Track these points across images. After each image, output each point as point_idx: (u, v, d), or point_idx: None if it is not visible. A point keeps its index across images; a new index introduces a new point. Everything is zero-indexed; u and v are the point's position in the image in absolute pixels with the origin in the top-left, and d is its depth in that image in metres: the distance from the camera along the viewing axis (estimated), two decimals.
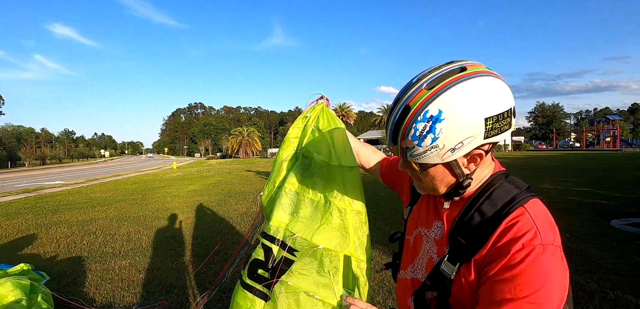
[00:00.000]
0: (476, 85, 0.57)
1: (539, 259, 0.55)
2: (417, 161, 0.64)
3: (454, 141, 0.58)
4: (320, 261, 0.91)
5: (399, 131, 0.62)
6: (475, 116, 0.57)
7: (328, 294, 0.87)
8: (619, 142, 41.31)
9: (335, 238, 0.93)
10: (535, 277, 0.55)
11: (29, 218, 6.80)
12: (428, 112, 0.58)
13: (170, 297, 3.07)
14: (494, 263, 0.59)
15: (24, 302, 2.43)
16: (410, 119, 0.60)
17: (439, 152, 0.60)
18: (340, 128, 1.08)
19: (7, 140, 68.26)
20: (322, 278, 0.88)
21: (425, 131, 0.58)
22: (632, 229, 4.65)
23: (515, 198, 0.62)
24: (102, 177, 18.94)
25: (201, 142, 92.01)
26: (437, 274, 0.68)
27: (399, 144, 0.64)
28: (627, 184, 9.00)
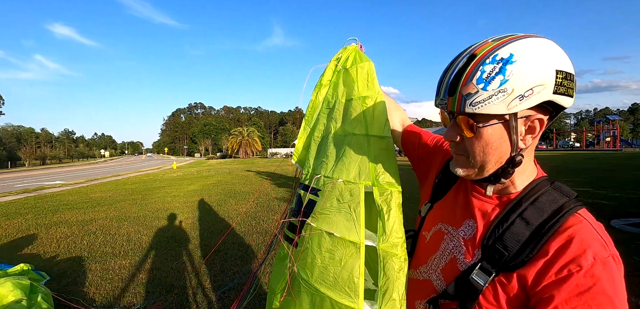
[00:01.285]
0: (545, 41, 0.56)
1: (613, 273, 0.52)
2: (478, 110, 0.55)
3: (525, 85, 0.53)
4: (339, 195, 0.85)
5: (460, 77, 0.56)
6: (546, 63, 0.54)
7: (349, 231, 0.80)
8: (619, 142, 41.30)
9: (354, 169, 0.86)
10: (613, 292, 0.51)
11: (29, 218, 6.81)
12: (498, 55, 0.54)
13: (170, 297, 3.07)
14: (561, 282, 0.52)
15: (24, 302, 2.43)
16: (476, 63, 0.55)
17: (506, 99, 0.54)
18: (363, 64, 1.01)
19: (7, 140, 68.28)
20: (342, 215, 0.82)
21: (493, 72, 0.53)
22: (632, 229, 4.65)
23: (564, 207, 0.57)
24: (102, 177, 18.94)
25: (201, 142, 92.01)
26: (464, 283, 0.61)
27: (459, 91, 0.56)
28: (627, 184, 9.00)
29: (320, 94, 1.10)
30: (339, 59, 1.07)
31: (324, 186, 0.89)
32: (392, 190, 0.82)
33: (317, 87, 1.10)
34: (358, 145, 0.89)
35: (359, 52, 1.06)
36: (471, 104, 0.56)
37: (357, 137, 0.90)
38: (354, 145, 0.90)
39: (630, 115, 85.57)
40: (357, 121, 0.93)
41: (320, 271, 0.80)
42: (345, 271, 0.77)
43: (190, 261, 3.98)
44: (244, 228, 5.46)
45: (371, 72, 0.99)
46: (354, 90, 0.98)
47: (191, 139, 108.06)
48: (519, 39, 0.55)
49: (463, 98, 0.56)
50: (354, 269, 0.76)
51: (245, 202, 8.14)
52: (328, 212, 0.84)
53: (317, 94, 1.10)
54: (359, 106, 0.95)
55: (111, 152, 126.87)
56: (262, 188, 10.74)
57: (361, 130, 0.91)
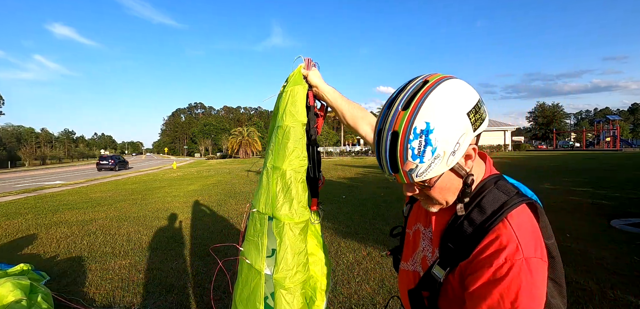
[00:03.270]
0: (446, 89, 0.61)
1: (520, 275, 0.57)
2: (424, 177, 0.63)
3: (451, 143, 0.60)
4: (254, 224, 0.95)
5: (395, 158, 0.62)
6: (458, 114, 0.60)
7: (256, 259, 0.90)
8: (619, 142, 41.27)
9: (263, 199, 0.95)
10: (518, 292, 0.56)
11: (29, 218, 6.80)
12: (416, 127, 0.59)
13: (170, 297, 3.07)
14: (477, 276, 0.61)
15: (24, 302, 2.43)
16: (402, 141, 0.61)
17: (443, 160, 0.61)
18: (292, 87, 1.02)
19: (7, 140, 68.24)
20: (253, 243, 0.92)
21: (421, 146, 0.59)
22: (632, 229, 4.65)
23: (503, 206, 0.63)
24: (102, 177, 18.94)
25: (201, 142, 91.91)
26: (428, 276, 0.70)
27: (401, 170, 0.63)
28: (627, 184, 9.00)
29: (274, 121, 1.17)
30: (286, 81, 1.09)
31: (250, 213, 1.00)
32: (285, 222, 0.89)
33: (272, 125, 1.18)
34: (266, 176, 0.98)
35: (298, 74, 1.05)
36: (417, 175, 0.63)
37: (267, 169, 0.99)
38: (265, 176, 0.98)
39: (630, 115, 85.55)
40: (270, 151, 1.02)
41: (240, 292, 0.92)
42: (253, 295, 0.87)
43: (190, 261, 3.98)
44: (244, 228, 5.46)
45: (293, 96, 0.98)
46: (278, 118, 1.03)
47: (191, 139, 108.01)
48: (425, 99, 0.60)
49: (407, 173, 0.63)
50: (257, 293, 0.87)
51: (246, 202, 8.13)
52: (249, 239, 0.96)
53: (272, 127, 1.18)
54: (274, 136, 1.02)
55: (111, 152, 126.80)
56: None
57: (270, 162, 0.98)
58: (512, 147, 46.33)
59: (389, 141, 0.62)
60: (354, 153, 47.06)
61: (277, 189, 0.92)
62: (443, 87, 0.61)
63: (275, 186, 0.93)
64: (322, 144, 58.23)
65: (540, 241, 0.61)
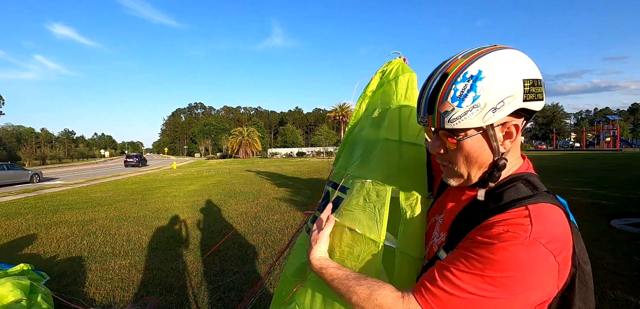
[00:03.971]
0: (510, 53, 0.59)
1: (518, 247, 0.52)
2: (456, 125, 0.60)
3: (496, 98, 0.57)
4: (366, 195, 0.87)
5: (436, 96, 0.61)
6: (513, 75, 0.58)
7: (370, 229, 0.82)
8: (619, 142, 41.30)
9: (384, 171, 0.89)
10: (509, 263, 0.52)
11: (29, 218, 6.80)
12: (467, 72, 0.58)
13: (170, 297, 3.07)
14: (476, 233, 0.58)
15: (24, 302, 2.43)
16: (449, 82, 0.59)
17: (481, 113, 0.58)
18: (406, 75, 1.05)
19: (7, 140, 68.27)
20: (366, 213, 0.84)
21: (466, 89, 0.58)
22: (632, 229, 4.65)
23: (525, 198, 0.59)
24: (102, 177, 18.94)
25: (201, 142, 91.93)
26: (435, 260, 0.68)
27: (436, 110, 0.61)
28: (627, 184, 9.00)
29: (364, 104, 1.15)
30: (384, 71, 1.12)
31: (353, 184, 0.92)
32: (417, 196, 0.83)
33: (361, 98, 1.16)
34: (390, 150, 0.93)
35: (403, 64, 1.10)
36: (449, 120, 0.61)
37: (390, 143, 0.94)
38: (387, 150, 0.93)
39: (630, 115, 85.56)
40: (392, 127, 0.97)
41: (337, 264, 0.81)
42: (361, 267, 0.79)
43: (190, 261, 3.98)
44: (244, 228, 5.46)
45: (411, 83, 1.02)
46: (392, 99, 1.02)
47: (191, 139, 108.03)
48: (486, 54, 0.59)
49: (441, 116, 0.61)
50: (370, 266, 0.78)
51: (246, 202, 8.14)
52: (353, 209, 0.86)
53: (360, 104, 1.15)
54: (395, 113, 0.98)
55: (111, 152, 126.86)
56: (263, 188, 10.74)
57: (395, 136, 0.95)
58: None
59: (436, 80, 0.62)
60: None
61: (405, 163, 0.90)
62: (507, 51, 0.60)
63: (404, 159, 0.90)
64: (322, 144, 58.31)
65: (563, 241, 0.54)
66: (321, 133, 61.48)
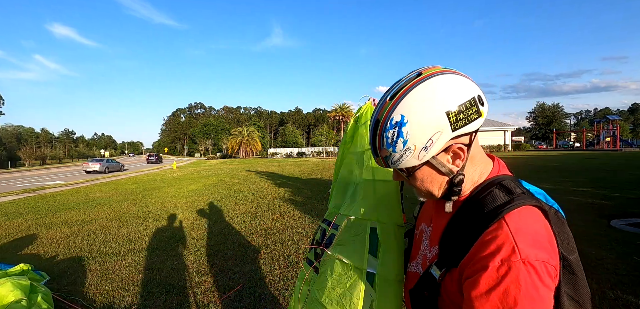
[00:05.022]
0: (431, 85, 0.61)
1: (519, 278, 0.53)
2: (398, 166, 0.67)
3: (423, 139, 0.61)
4: (351, 229, 1.02)
5: (375, 143, 0.67)
6: (435, 112, 0.60)
7: (356, 258, 0.95)
8: (619, 142, 41.28)
9: (363, 208, 1.03)
10: (516, 297, 0.53)
11: (29, 218, 6.81)
12: (393, 119, 0.62)
13: (170, 297, 3.07)
14: (474, 280, 0.58)
15: (24, 302, 2.43)
16: (381, 130, 0.65)
17: (414, 154, 0.63)
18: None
19: (7, 140, 68.25)
20: (351, 245, 0.97)
21: (394, 137, 0.62)
22: (632, 229, 4.65)
23: (503, 205, 0.60)
24: (102, 177, 18.94)
25: (201, 142, 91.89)
26: (427, 275, 0.70)
27: (379, 154, 0.68)
28: (627, 184, 9.00)
29: (345, 148, 1.31)
30: (358, 117, 1.28)
31: (342, 220, 1.07)
32: (391, 225, 0.98)
33: (342, 144, 1.32)
34: (367, 189, 1.08)
35: (371, 108, 1.25)
36: (391, 162, 0.67)
37: (367, 182, 1.09)
38: (364, 188, 1.08)
39: (630, 115, 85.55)
40: (367, 168, 1.12)
41: (329, 291, 0.95)
42: (348, 292, 0.92)
43: (190, 261, 3.98)
44: (244, 228, 5.46)
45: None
46: (364, 142, 1.19)
47: (191, 139, 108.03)
48: (408, 92, 0.62)
49: (384, 159, 0.68)
50: (355, 290, 0.91)
51: (246, 202, 8.14)
52: (343, 243, 1.01)
53: (342, 149, 1.31)
54: (368, 156, 1.14)
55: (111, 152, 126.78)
56: (263, 188, 10.73)
57: (369, 176, 1.10)
58: (512, 147, 46.35)
59: (372, 127, 0.68)
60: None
61: (379, 198, 1.04)
62: (429, 83, 0.61)
63: (378, 195, 1.04)
64: (322, 144, 58.28)
65: (545, 243, 0.57)
66: (321, 133, 61.42)
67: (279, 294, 3.09)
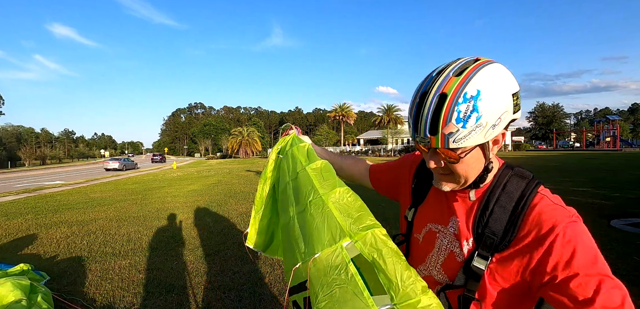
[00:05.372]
0: (497, 68, 0.63)
1: (580, 228, 0.61)
2: (461, 145, 0.63)
3: (494, 116, 0.61)
4: (325, 272, 0.72)
5: (438, 118, 0.62)
6: (505, 91, 0.62)
7: (358, 306, 0.65)
8: (619, 142, 41.31)
9: (326, 234, 0.76)
10: (588, 240, 0.60)
11: (29, 218, 6.81)
12: (467, 92, 0.60)
13: (170, 297, 3.07)
14: (546, 261, 0.61)
15: (24, 302, 2.43)
16: (450, 103, 0.61)
17: (483, 130, 0.62)
18: (303, 144, 1.12)
19: (7, 140, 68.28)
20: (340, 292, 0.68)
21: (468, 111, 0.60)
22: (632, 229, 4.65)
23: (527, 188, 0.68)
24: (102, 177, 18.94)
25: (201, 142, 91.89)
26: (468, 271, 0.70)
27: (440, 132, 0.62)
28: (627, 184, 9.01)
29: (266, 186, 1.19)
30: (279, 149, 1.19)
31: (304, 271, 0.76)
32: (373, 231, 0.72)
33: (262, 181, 1.19)
34: (317, 208, 0.81)
35: (296, 137, 1.17)
36: (454, 140, 0.63)
37: (314, 203, 0.84)
38: (314, 211, 0.81)
39: (630, 115, 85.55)
40: (308, 188, 0.89)
41: None
42: None
43: (190, 261, 3.98)
44: (244, 228, 5.46)
45: (311, 150, 1.06)
46: (298, 165, 1.02)
47: (191, 139, 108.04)
48: (479, 71, 0.62)
49: (445, 137, 0.63)
50: None
51: (246, 202, 8.14)
52: (326, 299, 0.70)
53: (263, 186, 1.19)
54: (305, 175, 0.95)
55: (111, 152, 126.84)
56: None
57: (314, 194, 0.85)
58: (512, 147, 46.36)
59: (434, 102, 0.62)
60: (354, 153, 47.10)
61: (339, 210, 0.78)
62: (494, 66, 0.63)
63: (336, 207, 0.79)
64: (322, 143, 58.27)
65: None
66: (321, 133, 61.42)
67: (279, 294, 3.09)
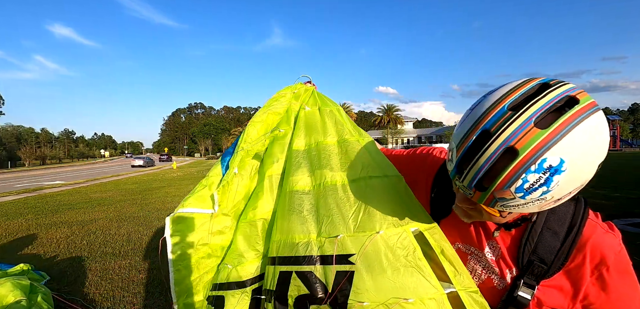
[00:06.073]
0: (597, 123, 0.46)
1: (626, 255, 0.61)
2: (508, 211, 0.53)
3: (566, 192, 0.47)
4: (386, 251, 0.66)
5: (495, 178, 0.48)
6: (594, 163, 0.47)
7: (420, 287, 0.62)
8: (619, 142, 41.31)
9: (391, 214, 0.71)
10: (631, 286, 0.61)
11: (29, 218, 6.80)
12: (546, 160, 0.45)
13: (170, 297, 3.07)
14: (601, 287, 0.60)
15: (24, 302, 2.43)
16: (518, 168, 0.46)
17: (543, 205, 0.49)
18: (338, 106, 0.98)
19: (7, 140, 68.25)
20: (404, 270, 0.64)
21: (538, 184, 0.46)
22: (632, 229, 4.66)
23: (577, 210, 0.63)
24: (102, 177, 18.94)
25: (201, 142, 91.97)
26: (511, 300, 0.64)
27: (490, 192, 0.49)
28: (627, 184, 9.01)
29: (270, 120, 0.94)
30: (296, 95, 0.99)
31: (359, 245, 0.68)
32: (435, 226, 0.72)
33: (269, 112, 0.94)
34: (382, 189, 0.75)
35: (319, 93, 1.01)
36: (503, 206, 0.51)
37: (378, 180, 0.77)
38: (377, 189, 0.75)
39: (630, 115, 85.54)
40: (366, 163, 0.81)
41: None
42: None
43: None
44: None
45: (346, 114, 0.96)
46: (345, 130, 0.89)
47: (191, 139, 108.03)
48: (572, 129, 0.45)
49: (494, 199, 0.51)
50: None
51: None
52: (380, 274, 0.64)
53: (260, 120, 0.93)
54: (360, 147, 0.85)
55: (111, 152, 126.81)
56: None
57: (377, 172, 0.79)
58: None
59: (497, 155, 0.47)
60: None
61: (405, 197, 0.76)
62: (595, 120, 0.46)
63: (402, 194, 0.76)
64: None
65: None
66: None
67: None
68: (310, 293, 0.67)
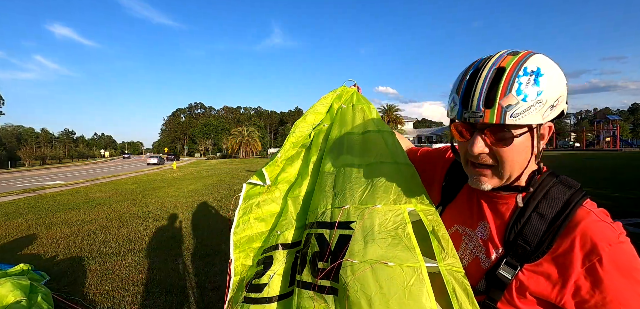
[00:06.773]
0: (544, 57, 0.61)
1: (628, 249, 0.57)
2: (518, 121, 0.57)
3: (553, 96, 0.58)
4: (381, 222, 0.78)
5: (497, 89, 0.58)
6: (561, 76, 0.60)
7: (407, 256, 0.70)
8: (619, 142, 41.33)
9: (392, 193, 0.83)
10: (636, 262, 0.57)
11: (29, 218, 6.81)
12: (527, 67, 0.57)
13: (170, 297, 3.07)
14: (592, 277, 0.57)
15: (24, 302, 2.43)
16: (510, 75, 0.57)
17: (542, 108, 0.57)
18: (372, 105, 1.12)
19: (7, 140, 68.25)
20: (389, 242, 0.73)
21: (530, 83, 0.56)
22: (632, 229, 4.65)
23: (572, 199, 0.62)
24: (102, 177, 18.94)
25: (201, 142, 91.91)
26: (492, 278, 0.66)
27: (497, 103, 0.57)
28: (627, 184, 9.01)
29: (311, 119, 1.13)
30: (339, 96, 1.17)
31: (359, 215, 0.80)
32: (434, 209, 0.82)
33: (312, 113, 1.13)
34: (389, 172, 0.89)
35: (359, 94, 1.16)
36: (512, 115, 0.57)
37: (387, 166, 0.92)
38: (385, 172, 0.89)
39: (630, 115, 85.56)
40: (380, 151, 0.97)
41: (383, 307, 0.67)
42: (412, 301, 0.66)
43: (190, 261, 3.98)
44: None
45: (377, 113, 1.11)
46: (369, 124, 1.05)
47: (191, 139, 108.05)
48: (533, 54, 0.60)
49: (503, 110, 0.57)
50: (422, 295, 0.66)
51: None
52: (372, 240, 0.75)
53: (305, 119, 1.12)
54: (379, 138, 1.01)
55: (111, 152, 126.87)
56: None
57: (389, 159, 0.94)
58: None
59: (491, 74, 0.59)
60: None
61: (408, 182, 0.87)
62: (546, 56, 0.62)
63: (405, 179, 0.88)
64: None
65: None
66: None
67: None
68: (320, 250, 0.82)
